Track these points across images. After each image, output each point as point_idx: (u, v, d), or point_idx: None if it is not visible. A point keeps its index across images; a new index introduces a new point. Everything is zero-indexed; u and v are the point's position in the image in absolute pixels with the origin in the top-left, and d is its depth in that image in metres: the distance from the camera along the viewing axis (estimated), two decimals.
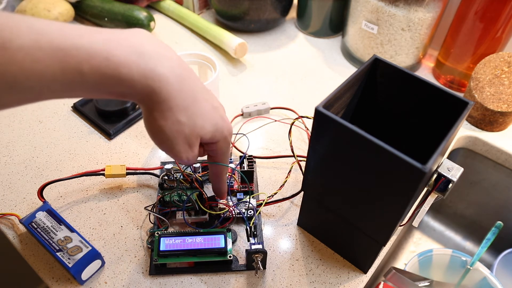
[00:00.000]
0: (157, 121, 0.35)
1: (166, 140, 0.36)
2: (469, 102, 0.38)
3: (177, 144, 0.37)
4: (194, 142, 0.37)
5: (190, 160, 0.39)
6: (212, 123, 0.38)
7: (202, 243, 0.46)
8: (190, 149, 0.38)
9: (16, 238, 0.50)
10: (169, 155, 0.38)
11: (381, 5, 0.65)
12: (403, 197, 0.35)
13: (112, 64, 0.31)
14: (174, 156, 0.38)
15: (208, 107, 0.38)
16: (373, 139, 0.33)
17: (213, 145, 0.40)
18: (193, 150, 0.38)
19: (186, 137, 0.36)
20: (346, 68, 0.76)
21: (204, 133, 0.37)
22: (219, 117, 0.39)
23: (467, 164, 0.70)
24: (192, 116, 0.36)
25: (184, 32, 0.83)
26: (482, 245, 0.62)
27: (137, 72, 0.32)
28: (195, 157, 0.39)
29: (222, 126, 0.39)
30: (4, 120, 0.64)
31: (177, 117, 0.35)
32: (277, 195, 0.54)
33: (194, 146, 0.38)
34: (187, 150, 0.37)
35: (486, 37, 0.64)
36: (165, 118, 0.35)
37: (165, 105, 0.34)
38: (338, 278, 0.48)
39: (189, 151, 0.38)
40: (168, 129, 0.35)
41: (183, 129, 0.36)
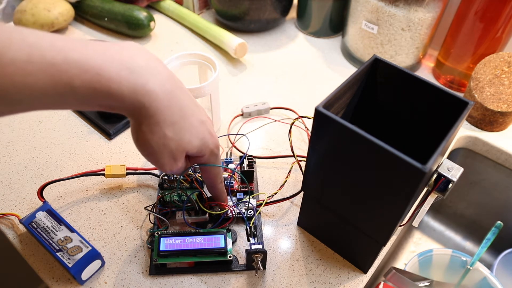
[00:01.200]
0: (145, 134, 0.36)
1: (152, 152, 0.37)
2: (469, 102, 0.38)
3: (162, 158, 0.38)
4: (179, 156, 0.38)
5: (174, 172, 0.41)
6: (198, 138, 0.39)
7: (202, 243, 0.46)
8: (175, 163, 0.39)
9: (16, 238, 0.50)
10: (155, 166, 0.39)
11: (381, 5, 0.65)
12: (403, 197, 0.35)
13: (103, 79, 0.31)
14: (159, 167, 0.39)
15: (196, 122, 0.38)
16: (373, 139, 0.33)
17: (200, 159, 0.42)
18: (177, 163, 0.39)
19: (171, 151, 0.37)
20: (346, 68, 0.76)
21: (190, 148, 0.38)
22: (206, 131, 0.40)
23: (467, 164, 0.70)
24: (179, 131, 0.37)
25: (184, 32, 0.83)
26: (482, 245, 0.62)
27: (127, 87, 0.33)
28: (179, 169, 0.40)
29: (208, 140, 0.40)
30: (4, 120, 0.64)
31: (164, 132, 0.36)
32: (277, 195, 0.54)
33: (179, 160, 0.39)
34: (171, 163, 0.39)
35: (486, 37, 0.64)
36: (153, 132, 0.36)
37: (153, 119, 0.35)
38: (338, 278, 0.48)
39: (174, 165, 0.39)
40: (154, 143, 0.36)
41: (169, 143, 0.37)
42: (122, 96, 0.33)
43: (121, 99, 0.33)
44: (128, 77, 0.33)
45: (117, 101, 0.33)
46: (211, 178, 0.45)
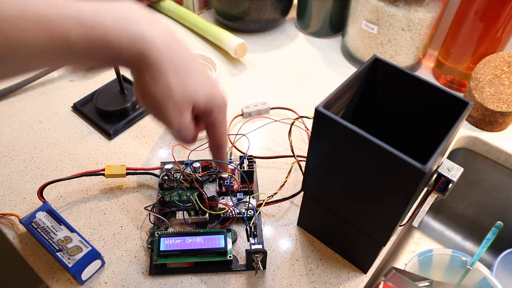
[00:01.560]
0: (147, 85, 0.34)
1: (156, 104, 0.35)
2: (469, 102, 0.38)
3: (167, 109, 0.35)
4: (185, 107, 0.36)
5: (182, 131, 0.38)
6: (204, 89, 0.37)
7: (202, 243, 0.46)
8: (181, 116, 0.36)
9: (16, 238, 0.50)
10: (161, 121, 0.37)
11: (381, 5, 0.65)
12: (403, 197, 0.35)
13: (100, 31, 0.31)
14: (165, 122, 0.37)
15: (200, 73, 0.37)
16: (373, 139, 0.33)
17: (208, 116, 0.39)
18: (184, 116, 0.37)
19: (176, 102, 0.35)
20: (346, 68, 0.76)
21: (196, 98, 0.36)
22: (212, 84, 0.38)
23: (467, 164, 0.70)
24: (183, 80, 0.35)
25: (184, 32, 0.83)
26: (482, 245, 0.62)
27: (125, 37, 0.32)
28: (187, 125, 0.38)
29: (215, 94, 0.38)
30: (4, 120, 0.64)
31: (167, 81, 0.34)
32: (277, 195, 0.54)
33: (185, 112, 0.36)
34: (177, 115, 0.36)
35: (486, 37, 0.64)
36: (155, 81, 0.34)
37: (154, 68, 0.34)
38: (338, 278, 0.48)
39: (180, 117, 0.36)
40: (158, 93, 0.34)
41: (173, 93, 0.35)
42: (120, 47, 0.32)
43: (119, 50, 0.32)
44: (125, 27, 0.32)
45: (116, 52, 0.32)
46: (218, 137, 0.42)
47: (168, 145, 0.61)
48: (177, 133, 0.39)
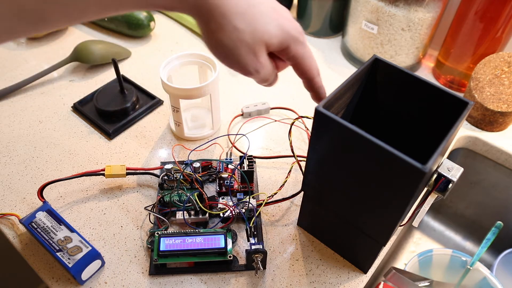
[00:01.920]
0: (215, 33, 0.33)
1: (228, 52, 0.34)
2: (469, 102, 0.38)
3: (240, 55, 0.34)
4: (259, 50, 0.34)
5: (261, 73, 0.36)
6: (275, 25, 0.34)
7: (202, 243, 0.46)
8: (257, 59, 0.35)
9: (16, 238, 0.50)
10: (236, 69, 0.36)
11: (381, 5, 0.65)
12: (403, 197, 0.35)
13: None
14: (241, 70, 0.35)
15: (267, 8, 0.34)
16: (373, 139, 0.33)
17: (287, 52, 0.37)
18: (260, 59, 0.35)
19: (248, 46, 0.33)
20: (346, 68, 0.76)
21: (267, 37, 0.34)
22: (281, 17, 0.35)
23: (467, 164, 0.70)
24: (251, 21, 0.33)
25: (184, 32, 0.83)
26: (482, 245, 0.62)
27: None
28: (265, 68, 0.36)
29: (287, 26, 0.35)
30: (4, 120, 0.64)
31: (234, 24, 0.32)
32: (277, 195, 0.54)
33: (260, 55, 0.35)
34: (253, 60, 0.34)
35: (486, 37, 0.64)
36: (222, 27, 0.32)
37: (218, 13, 0.32)
38: (338, 278, 0.48)
39: (256, 62, 0.35)
40: (227, 39, 0.33)
41: (243, 36, 0.33)
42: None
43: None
44: None
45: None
46: (305, 71, 0.39)
47: (168, 145, 0.61)
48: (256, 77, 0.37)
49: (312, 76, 0.40)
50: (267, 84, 0.40)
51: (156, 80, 0.72)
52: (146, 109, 0.66)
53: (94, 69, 0.73)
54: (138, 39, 0.81)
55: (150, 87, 0.70)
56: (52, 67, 0.70)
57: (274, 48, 0.36)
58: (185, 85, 0.54)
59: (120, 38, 0.81)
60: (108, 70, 0.73)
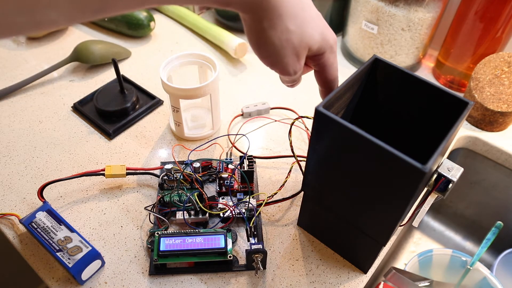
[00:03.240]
0: (266, 31, 0.33)
1: (274, 51, 0.35)
2: (469, 102, 0.38)
3: (286, 56, 0.35)
4: (302, 53, 0.36)
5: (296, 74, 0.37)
6: (318, 31, 0.36)
7: (202, 243, 0.46)
8: (298, 61, 0.36)
9: (16, 238, 0.50)
10: (276, 69, 0.37)
11: (381, 5, 0.65)
12: (403, 197, 0.35)
13: None
14: (280, 69, 0.36)
15: (314, 14, 0.36)
16: (373, 139, 0.33)
17: (320, 58, 0.38)
18: (300, 62, 0.36)
19: (295, 47, 0.35)
20: (346, 68, 0.76)
21: (312, 43, 0.35)
22: (324, 25, 0.37)
23: (467, 164, 0.70)
24: (301, 24, 0.34)
25: (184, 32, 0.83)
26: (482, 245, 0.62)
27: None
28: (301, 70, 0.37)
29: (327, 34, 0.37)
30: (4, 120, 0.64)
31: (287, 25, 0.33)
32: (277, 195, 0.54)
33: (301, 58, 0.36)
34: (295, 62, 0.36)
35: (486, 37, 0.64)
36: (275, 27, 0.33)
37: (275, 12, 0.33)
38: (338, 278, 0.48)
39: (297, 64, 0.36)
40: (277, 38, 0.34)
41: (292, 38, 0.34)
42: None
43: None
44: None
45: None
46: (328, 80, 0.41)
47: (168, 145, 0.61)
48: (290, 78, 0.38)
49: (331, 87, 0.41)
50: (292, 85, 0.42)
51: (156, 80, 0.72)
52: (146, 109, 0.66)
53: (94, 69, 0.73)
54: (138, 39, 0.81)
55: (150, 87, 0.70)
56: (52, 67, 0.70)
57: (312, 53, 0.37)
58: (185, 85, 0.54)
59: (120, 38, 0.81)
60: (108, 70, 0.73)
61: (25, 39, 0.79)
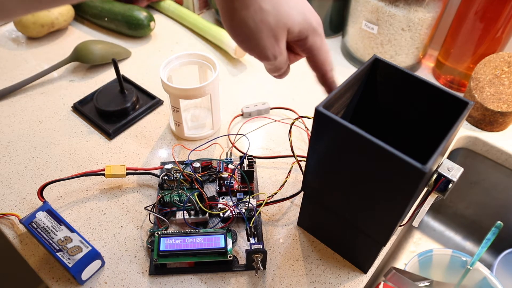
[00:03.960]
0: (238, 12, 0.32)
1: (250, 33, 0.33)
2: (469, 102, 0.38)
3: (262, 38, 0.33)
4: (280, 34, 0.34)
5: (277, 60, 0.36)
6: (299, 12, 0.34)
7: (202, 243, 0.46)
8: (277, 44, 0.34)
9: (16, 238, 0.50)
10: (253, 54, 0.35)
11: (381, 5, 0.65)
12: (403, 197, 0.35)
13: None
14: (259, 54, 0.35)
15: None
16: (373, 139, 0.33)
17: (304, 42, 0.36)
18: (280, 45, 0.34)
19: (271, 29, 0.33)
20: (346, 68, 0.76)
21: (291, 23, 0.34)
22: (305, 6, 0.35)
23: (467, 164, 0.70)
24: (276, 3, 0.33)
25: (184, 32, 0.83)
26: (482, 245, 0.62)
27: None
28: (282, 55, 0.36)
29: (309, 15, 0.35)
30: (4, 120, 0.64)
31: (260, 4, 0.32)
32: (277, 195, 0.54)
33: (280, 40, 0.34)
34: (273, 45, 0.34)
35: (486, 37, 0.64)
36: (247, 6, 0.32)
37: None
38: (338, 278, 0.48)
39: (276, 46, 0.34)
40: (250, 19, 0.32)
41: (268, 18, 0.32)
42: None
43: None
44: None
45: None
46: (319, 64, 0.39)
47: (168, 145, 0.61)
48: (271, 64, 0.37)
49: (325, 70, 0.39)
50: (278, 75, 0.40)
51: (156, 80, 0.72)
52: (146, 109, 0.66)
53: (94, 69, 0.73)
54: (138, 39, 0.81)
55: (150, 87, 0.70)
56: (52, 67, 0.70)
57: (293, 36, 0.35)
58: (185, 85, 0.54)
59: (120, 38, 0.81)
60: (108, 70, 0.73)
61: (25, 39, 0.79)
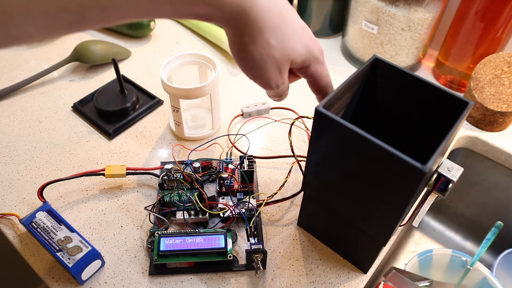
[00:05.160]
0: (247, 46, 0.34)
1: (256, 65, 0.35)
2: (469, 102, 0.38)
3: (267, 70, 0.35)
4: (284, 67, 0.36)
5: (280, 89, 0.38)
6: (302, 44, 0.36)
7: (202, 243, 0.46)
8: (280, 75, 0.36)
9: (16, 238, 0.50)
10: (258, 82, 0.37)
11: (381, 5, 0.65)
12: (403, 197, 0.35)
13: None
14: (263, 83, 0.37)
15: (297, 26, 0.36)
16: (373, 139, 0.33)
17: (306, 70, 0.39)
18: (283, 76, 0.36)
19: (276, 62, 0.35)
20: (346, 68, 0.76)
21: (295, 56, 0.36)
22: (308, 36, 0.37)
23: (467, 164, 0.70)
24: (282, 38, 0.34)
25: (184, 32, 0.83)
26: (482, 245, 0.62)
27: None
28: (284, 84, 0.38)
29: (312, 46, 0.37)
30: (4, 120, 0.64)
31: (267, 40, 0.33)
32: (277, 195, 0.54)
33: (284, 71, 0.36)
34: (277, 76, 0.36)
35: (486, 37, 0.64)
36: (255, 41, 0.33)
37: (255, 27, 0.33)
38: (338, 278, 0.48)
39: (279, 77, 0.36)
40: (258, 53, 0.34)
41: (274, 52, 0.34)
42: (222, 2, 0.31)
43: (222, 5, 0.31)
44: None
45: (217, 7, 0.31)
46: (321, 89, 0.41)
47: (168, 145, 0.61)
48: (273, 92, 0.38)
49: (326, 93, 0.42)
50: (279, 99, 0.42)
51: (156, 80, 0.72)
52: (146, 109, 0.66)
53: (94, 69, 0.73)
54: (138, 39, 0.81)
55: (150, 87, 0.70)
56: (52, 67, 0.70)
57: (296, 66, 0.37)
58: (185, 85, 0.54)
59: (120, 38, 0.81)
60: (108, 70, 0.73)
61: None
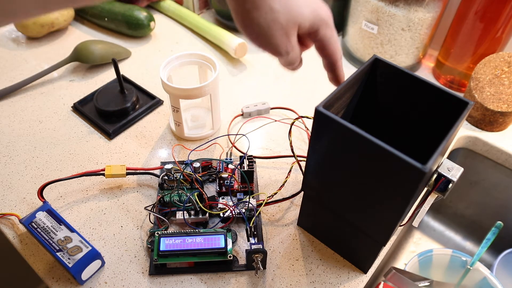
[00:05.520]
0: (250, 13, 0.33)
1: (262, 32, 0.34)
2: (469, 102, 0.38)
3: (274, 35, 0.35)
4: (291, 31, 0.35)
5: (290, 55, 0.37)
6: (308, 7, 0.36)
7: (202, 243, 0.46)
8: (288, 40, 0.36)
9: (16, 238, 0.50)
10: (267, 50, 0.37)
11: (381, 5, 0.65)
12: (403, 197, 0.35)
13: None
14: (272, 50, 0.36)
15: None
16: (373, 139, 0.33)
17: (315, 35, 0.38)
18: (291, 40, 0.36)
19: (282, 27, 0.35)
20: (346, 68, 0.76)
21: (301, 19, 0.35)
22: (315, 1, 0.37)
23: (467, 164, 0.70)
24: (286, 2, 0.34)
25: (184, 32, 0.83)
26: (482, 245, 0.62)
27: None
28: (294, 50, 0.37)
29: (319, 9, 0.37)
30: (4, 120, 0.64)
31: (270, 5, 0.33)
32: (277, 195, 0.54)
33: (291, 36, 0.36)
34: (285, 42, 0.36)
35: (486, 37, 0.64)
36: (258, 7, 0.33)
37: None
38: (338, 278, 0.48)
39: (288, 43, 0.36)
40: (262, 19, 0.34)
41: (278, 17, 0.34)
42: None
43: None
44: None
45: None
46: (329, 54, 0.40)
47: (168, 145, 0.61)
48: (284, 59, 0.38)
49: (335, 59, 0.41)
50: (292, 68, 0.41)
51: (156, 80, 0.72)
52: (146, 109, 0.66)
53: (94, 69, 0.73)
54: (138, 39, 0.81)
55: (150, 87, 0.70)
56: (52, 67, 0.70)
57: (304, 30, 0.37)
58: (185, 85, 0.54)
59: (120, 38, 0.81)
60: (108, 70, 0.73)
61: (25, 39, 0.79)
